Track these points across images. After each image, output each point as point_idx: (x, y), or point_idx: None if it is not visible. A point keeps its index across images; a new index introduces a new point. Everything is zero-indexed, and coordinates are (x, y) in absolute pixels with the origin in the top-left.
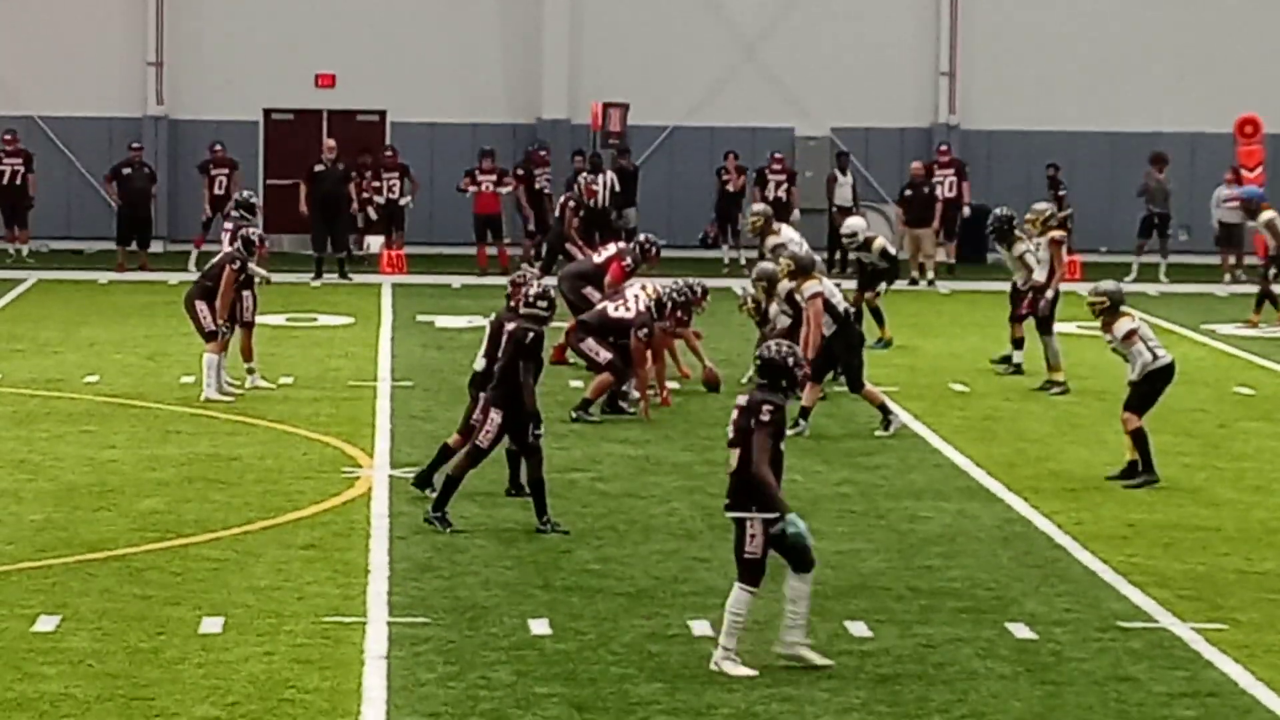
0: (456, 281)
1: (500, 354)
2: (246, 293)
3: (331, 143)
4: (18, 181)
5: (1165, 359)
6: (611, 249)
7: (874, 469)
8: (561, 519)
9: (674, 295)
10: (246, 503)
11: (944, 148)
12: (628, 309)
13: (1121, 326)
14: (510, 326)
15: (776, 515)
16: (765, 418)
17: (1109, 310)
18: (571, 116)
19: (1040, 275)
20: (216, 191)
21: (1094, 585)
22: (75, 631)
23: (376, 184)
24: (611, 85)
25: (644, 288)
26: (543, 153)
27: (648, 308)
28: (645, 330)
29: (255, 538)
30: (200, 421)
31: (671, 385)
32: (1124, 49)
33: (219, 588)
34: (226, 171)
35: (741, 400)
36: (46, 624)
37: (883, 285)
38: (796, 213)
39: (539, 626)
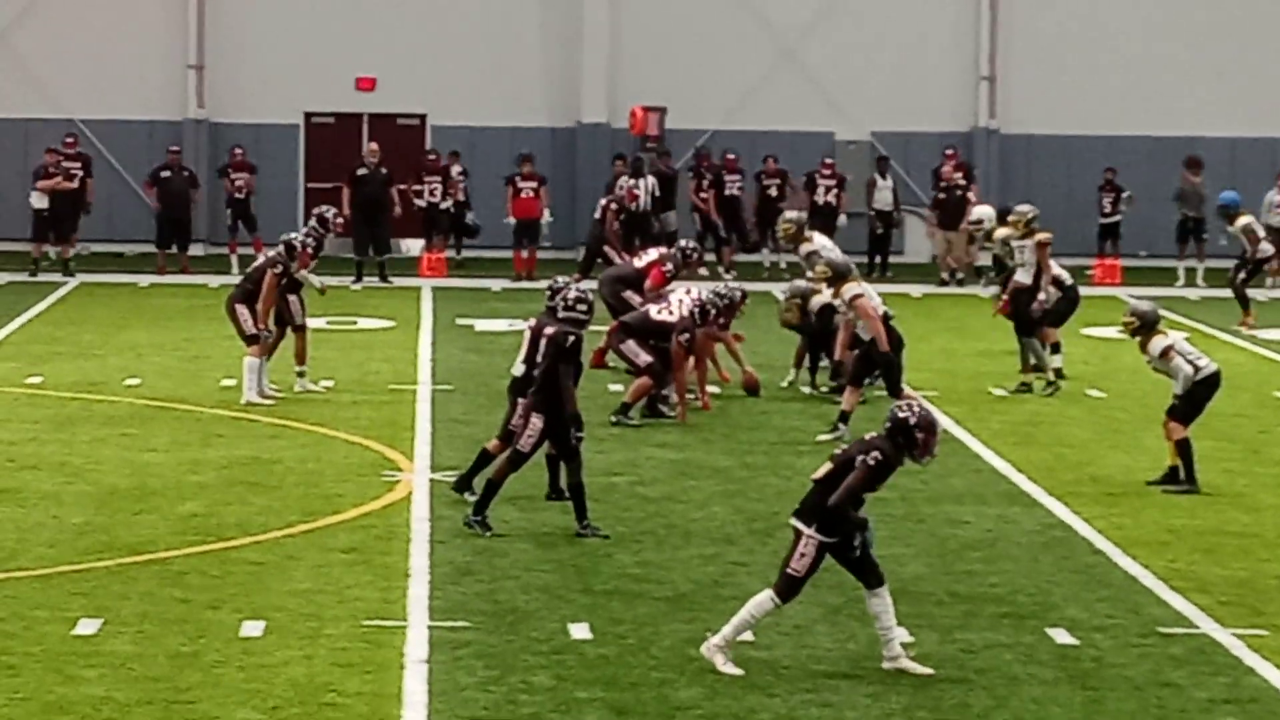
0: (496, 285)
1: (540, 358)
2: (293, 296)
3: (374, 146)
4: (75, 185)
5: (1209, 369)
6: (652, 254)
7: (914, 473)
8: (601, 523)
9: (715, 300)
10: (287, 506)
11: (949, 152)
12: (670, 313)
13: (1156, 345)
14: (550, 330)
15: (834, 540)
16: (871, 463)
17: (1142, 330)
18: (611, 120)
19: (1025, 278)
20: (236, 195)
21: (1135, 591)
22: (116, 635)
23: (418, 187)
24: (650, 89)
25: (688, 292)
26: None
27: (691, 312)
28: (686, 335)
29: (296, 541)
30: (241, 425)
31: (711, 390)
32: (1165, 53)
33: (259, 591)
34: (245, 175)
35: (869, 434)
36: (87, 627)
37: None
38: (843, 218)
39: (579, 631)
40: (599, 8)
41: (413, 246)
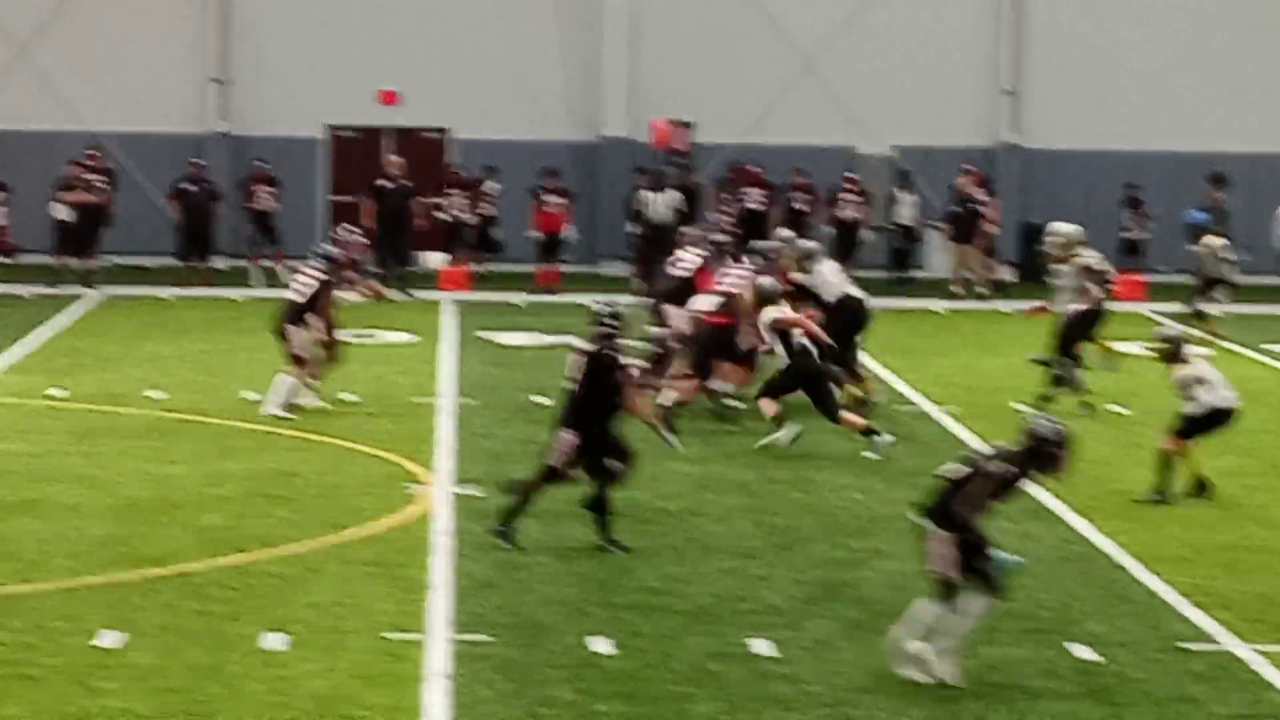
0: (518, 299)
1: (579, 376)
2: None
3: (397, 159)
4: (97, 198)
5: (1229, 402)
6: (691, 258)
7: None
8: (621, 537)
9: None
10: (308, 519)
11: (967, 166)
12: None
13: (1179, 373)
14: (588, 347)
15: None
16: (1001, 475)
17: (1169, 357)
18: (632, 134)
19: (1070, 301)
20: (257, 207)
21: (1156, 606)
22: (137, 647)
23: (440, 201)
24: (671, 102)
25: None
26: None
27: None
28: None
29: (317, 554)
30: (262, 437)
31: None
32: (1188, 69)
33: (280, 604)
34: (267, 189)
35: (1001, 444)
36: (108, 639)
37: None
38: (869, 234)
39: (600, 644)
40: (620, 22)
41: (434, 260)
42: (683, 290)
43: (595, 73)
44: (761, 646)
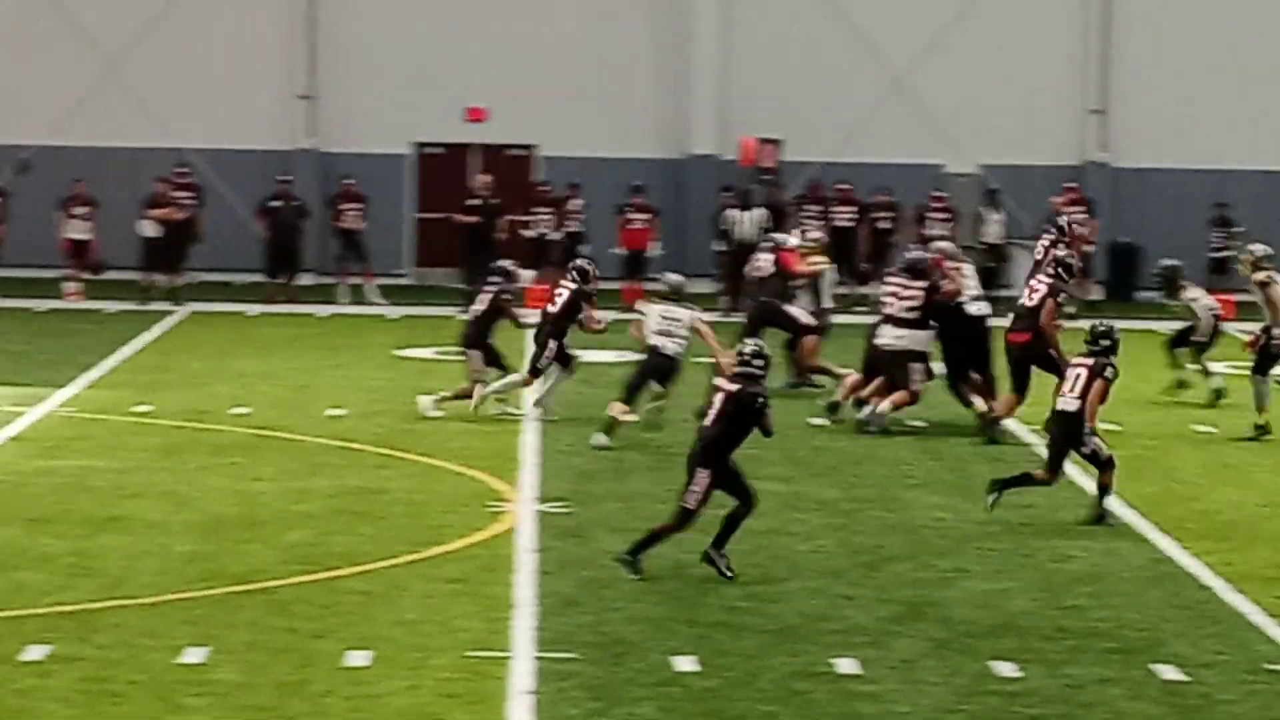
0: (606, 316)
1: (718, 414)
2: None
3: (486, 177)
4: (185, 215)
5: None
6: (767, 254)
7: (1021, 507)
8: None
9: None
10: (393, 536)
11: (1071, 185)
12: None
13: None
14: (730, 387)
15: None
16: (1110, 376)
17: None
18: (720, 151)
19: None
20: (345, 225)
21: (1243, 627)
22: (222, 663)
23: (527, 218)
24: (759, 120)
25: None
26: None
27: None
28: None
29: (402, 571)
30: (348, 454)
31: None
32: (1275, 86)
33: (365, 621)
34: (355, 206)
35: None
36: (194, 656)
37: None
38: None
39: (684, 663)
40: (709, 39)
41: (523, 277)
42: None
43: (683, 89)
44: (847, 666)
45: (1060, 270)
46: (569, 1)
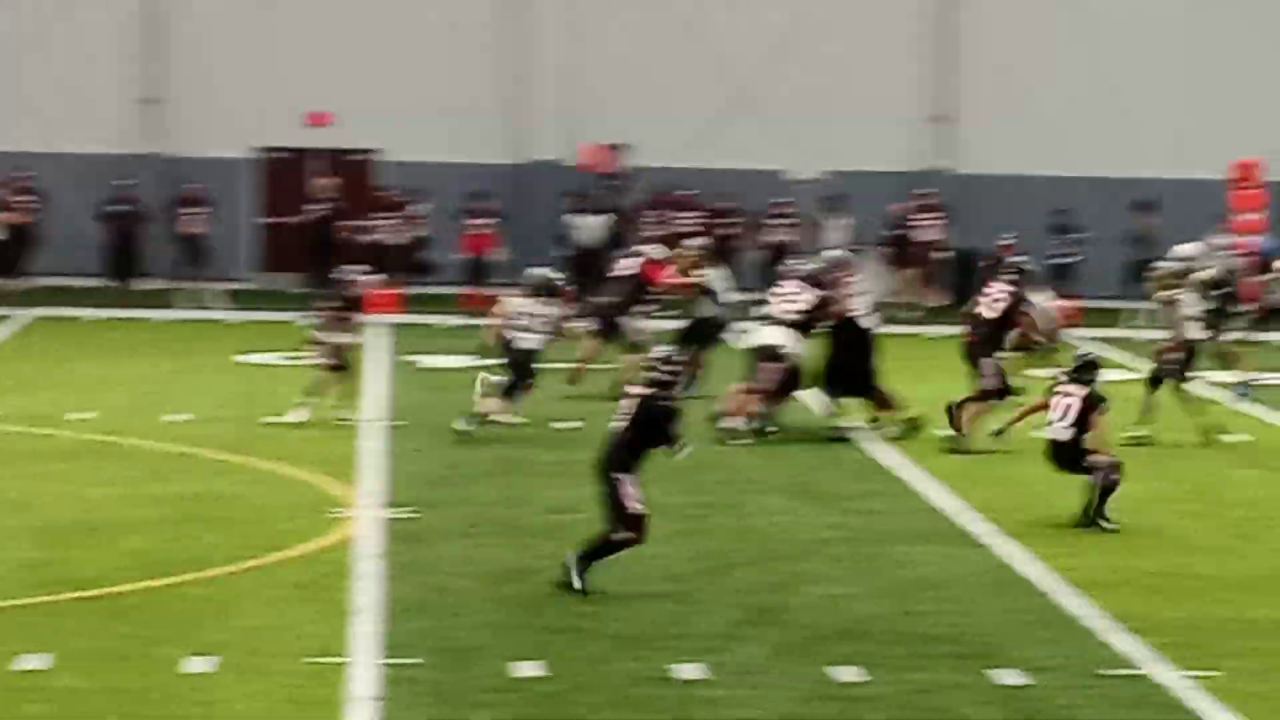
0: (447, 322)
1: (629, 419)
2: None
3: (326, 181)
4: (26, 218)
5: None
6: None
7: (865, 513)
8: (551, 561)
9: None
10: (236, 542)
11: (930, 191)
12: None
13: None
14: (642, 391)
15: None
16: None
17: None
18: (564, 157)
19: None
20: (186, 229)
21: (1083, 631)
22: (61, 670)
23: (369, 223)
24: (603, 126)
25: None
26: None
27: None
28: None
29: (244, 577)
30: (189, 460)
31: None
32: (1118, 95)
33: (208, 627)
34: (198, 210)
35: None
36: (33, 663)
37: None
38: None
39: (528, 668)
40: (553, 44)
41: (365, 283)
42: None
43: (526, 96)
44: (690, 671)
45: (1020, 276)
46: (412, 6)
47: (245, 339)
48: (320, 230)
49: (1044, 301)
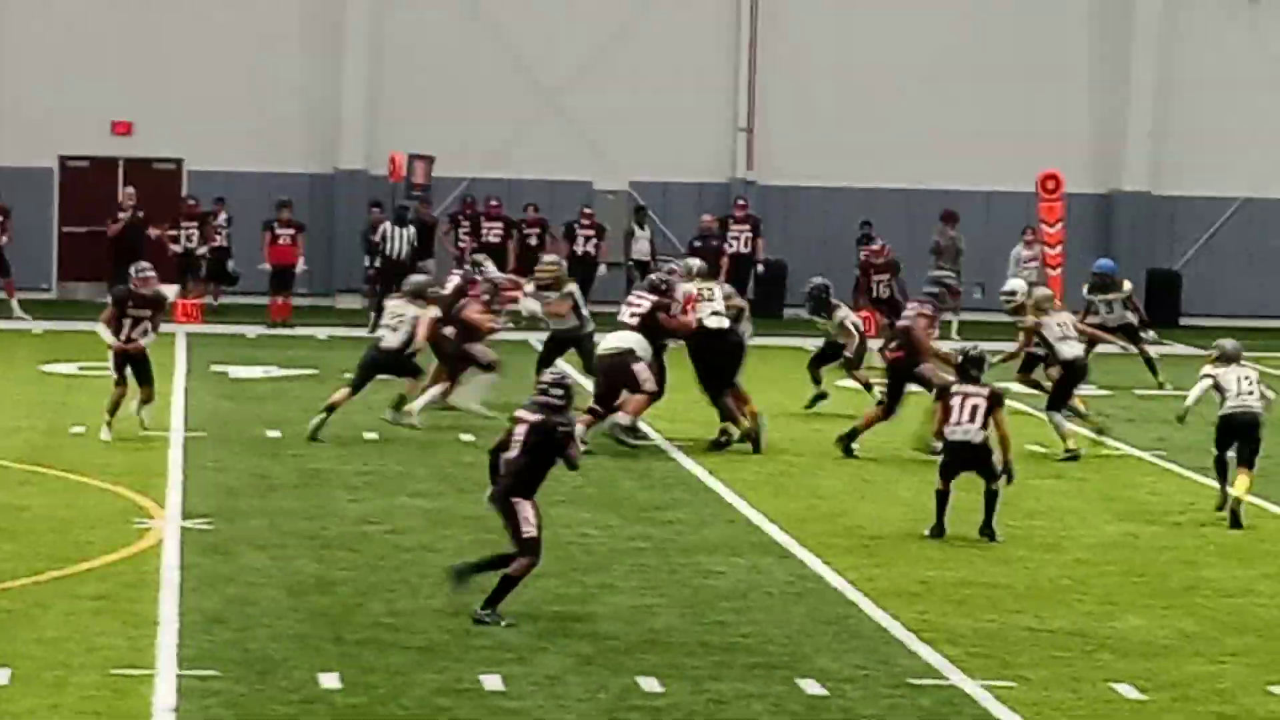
0: (251, 332)
1: (521, 443)
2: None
3: (130, 190)
4: None
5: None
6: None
7: (668, 524)
8: (355, 572)
9: None
10: (36, 553)
11: (741, 202)
12: None
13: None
14: (532, 417)
15: None
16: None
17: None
18: (369, 167)
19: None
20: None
21: (885, 642)
22: None
23: (174, 233)
24: (410, 136)
25: None
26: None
27: None
28: None
29: (44, 589)
30: None
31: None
32: (921, 108)
33: (5, 639)
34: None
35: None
36: None
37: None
38: (603, 268)
39: (329, 680)
40: (359, 54)
41: (168, 292)
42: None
43: (333, 104)
44: (492, 682)
45: (941, 290)
46: (217, 14)
47: (48, 349)
48: (125, 239)
49: (849, 314)
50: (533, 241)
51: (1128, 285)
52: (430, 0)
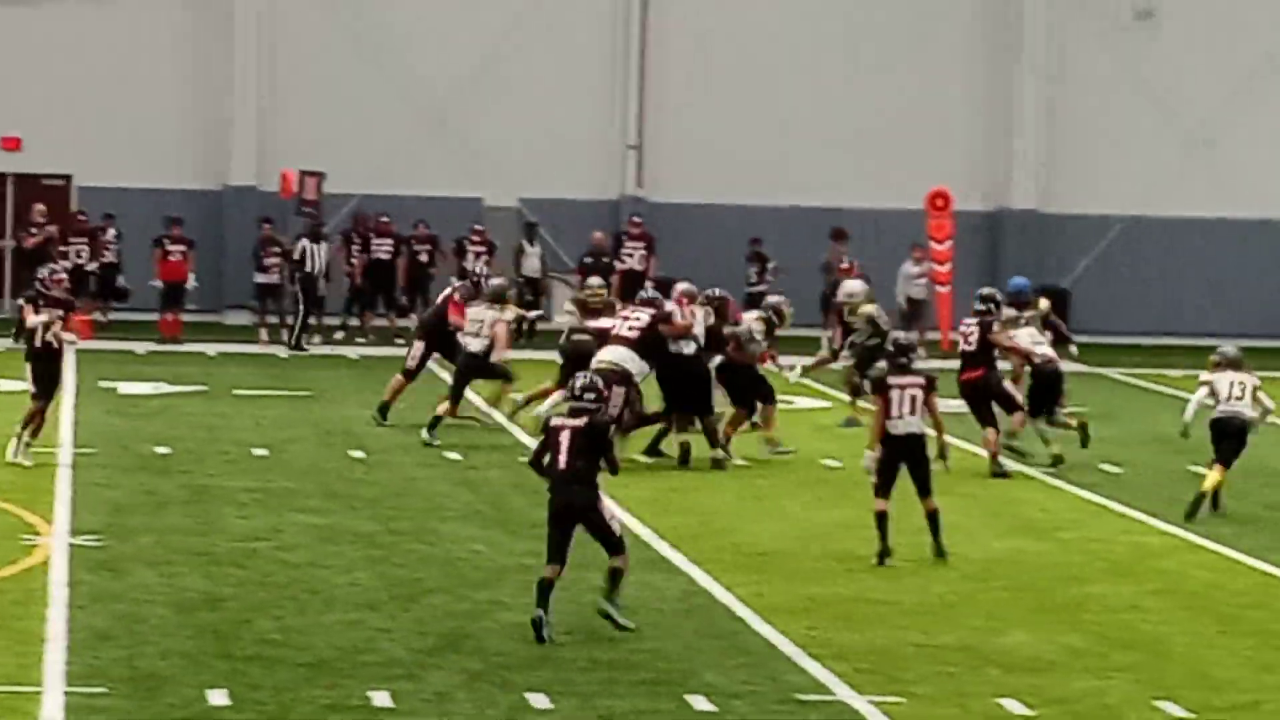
0: (141, 348)
1: (567, 449)
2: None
3: (42, 207)
4: None
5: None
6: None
7: None
8: (242, 589)
9: None
10: None
11: (636, 220)
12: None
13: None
14: (577, 423)
15: None
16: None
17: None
18: (259, 183)
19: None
20: None
21: (773, 657)
22: None
23: (64, 248)
24: (300, 152)
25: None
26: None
27: None
28: None
29: None
30: None
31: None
32: (809, 125)
33: None
34: None
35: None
36: None
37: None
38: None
39: (217, 697)
40: (248, 68)
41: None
42: None
43: (223, 120)
44: (381, 699)
45: (992, 305)
46: (104, 29)
47: None
48: (39, 255)
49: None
50: (423, 258)
51: (1044, 303)
52: (320, 17)
